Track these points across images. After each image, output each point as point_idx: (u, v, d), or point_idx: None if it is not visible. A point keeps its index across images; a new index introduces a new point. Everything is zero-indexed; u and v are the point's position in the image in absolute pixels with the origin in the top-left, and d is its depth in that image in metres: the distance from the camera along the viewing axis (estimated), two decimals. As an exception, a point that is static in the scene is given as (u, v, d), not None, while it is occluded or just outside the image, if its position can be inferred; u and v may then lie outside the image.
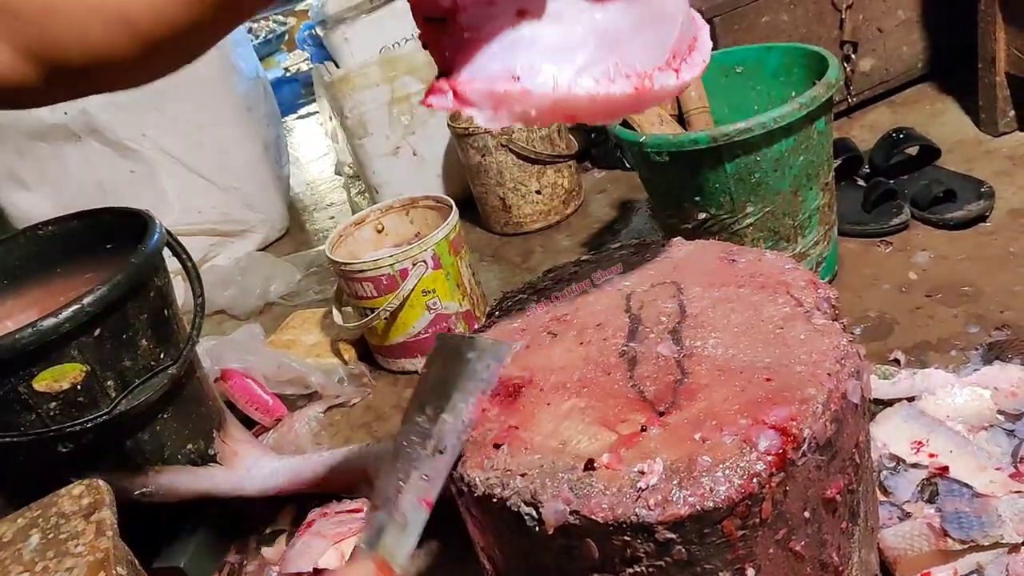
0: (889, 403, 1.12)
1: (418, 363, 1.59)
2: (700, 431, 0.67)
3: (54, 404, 1.16)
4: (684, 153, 1.26)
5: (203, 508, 1.29)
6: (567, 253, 1.87)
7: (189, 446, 1.34)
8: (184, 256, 1.36)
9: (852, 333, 1.28)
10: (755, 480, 0.63)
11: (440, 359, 0.78)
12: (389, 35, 2.03)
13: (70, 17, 0.54)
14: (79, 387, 1.17)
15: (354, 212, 2.37)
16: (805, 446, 0.65)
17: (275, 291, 2.07)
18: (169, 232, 1.32)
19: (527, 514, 0.67)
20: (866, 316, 1.34)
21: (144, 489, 1.24)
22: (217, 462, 1.35)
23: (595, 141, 2.16)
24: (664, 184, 1.36)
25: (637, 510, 0.63)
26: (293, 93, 4.04)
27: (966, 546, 0.89)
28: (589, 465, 0.66)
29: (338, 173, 2.77)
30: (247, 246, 2.34)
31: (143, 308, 1.22)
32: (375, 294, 1.50)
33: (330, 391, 1.55)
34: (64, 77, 0.56)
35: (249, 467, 1.34)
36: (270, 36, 4.58)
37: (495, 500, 0.69)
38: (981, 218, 1.47)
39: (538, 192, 1.96)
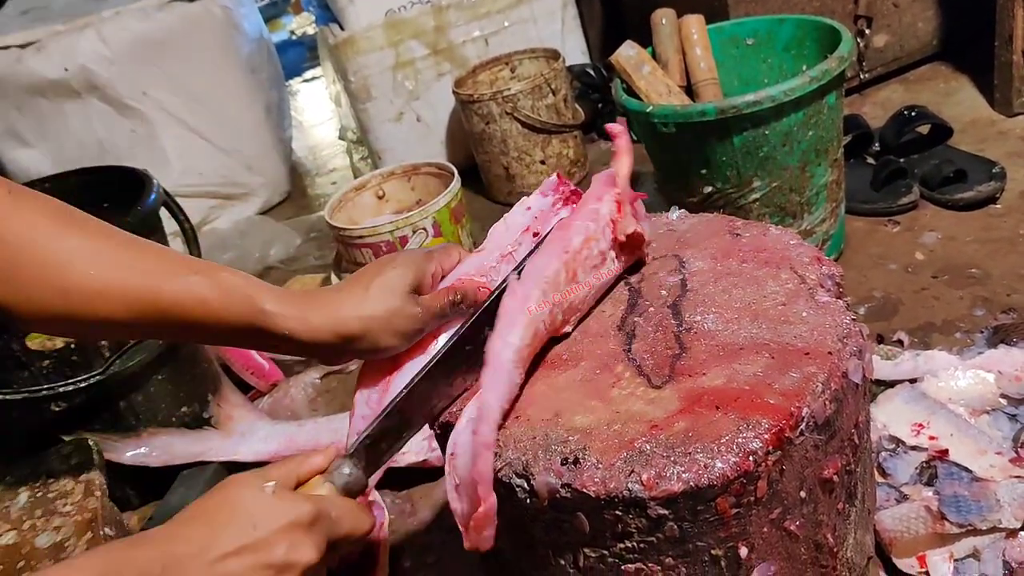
0: (891, 384, 1.10)
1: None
2: (697, 406, 0.66)
3: (47, 362, 1.16)
4: (691, 125, 1.24)
5: (197, 471, 1.28)
6: (570, 225, 1.85)
7: (183, 409, 1.33)
8: (182, 217, 1.34)
9: (856, 312, 1.27)
10: (751, 458, 0.61)
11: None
12: (395, -2, 1.99)
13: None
14: (73, 346, 1.16)
15: (356, 178, 2.35)
16: (803, 425, 0.64)
17: (275, 255, 2.06)
18: (167, 192, 1.30)
19: (519, 486, 0.66)
20: (871, 296, 1.32)
21: (137, 451, 1.23)
22: (211, 426, 1.34)
23: (602, 111, 2.13)
24: (670, 156, 1.34)
25: (629, 485, 0.62)
26: (298, 56, 3.99)
27: (963, 530, 0.88)
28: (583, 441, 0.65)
29: (341, 138, 2.74)
30: (248, 209, 2.32)
31: (138, 268, 1.21)
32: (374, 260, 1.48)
33: (327, 357, 1.54)
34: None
35: (243, 432, 1.33)
36: (276, -2, 4.52)
37: (486, 471, 0.68)
38: (991, 199, 1.44)
39: (542, 162, 1.94)
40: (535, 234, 0.82)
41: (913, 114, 1.58)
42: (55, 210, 0.64)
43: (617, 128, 0.81)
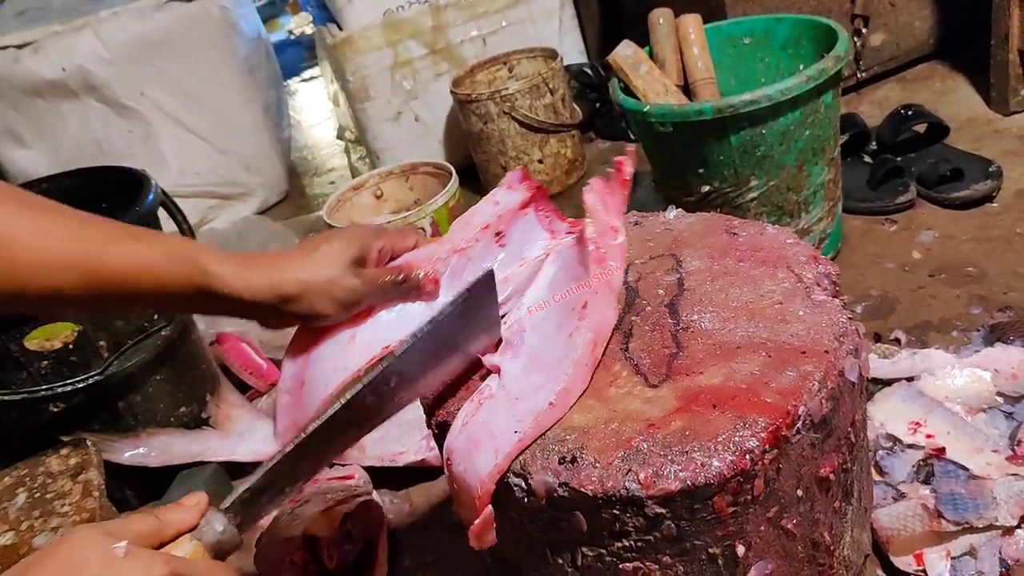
0: (888, 383, 1.10)
1: (415, 331, 1.57)
2: (693, 405, 0.66)
3: (46, 363, 1.16)
4: (688, 124, 1.24)
5: (196, 471, 1.28)
6: (568, 224, 1.85)
7: (182, 409, 1.33)
8: (180, 217, 1.34)
9: (853, 311, 1.28)
10: (748, 456, 0.62)
11: None
12: (393, -2, 2.00)
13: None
14: (71, 347, 1.16)
15: (354, 177, 2.35)
16: (800, 423, 0.64)
17: (273, 256, 2.05)
18: (165, 192, 1.30)
19: (516, 485, 0.67)
20: (868, 294, 1.33)
21: (136, 451, 1.23)
22: (210, 425, 1.34)
23: (599, 111, 2.14)
24: (668, 155, 1.34)
25: (627, 484, 0.62)
26: (296, 56, 4.00)
27: (960, 528, 0.88)
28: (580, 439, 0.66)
29: (339, 138, 2.74)
30: (246, 209, 2.32)
31: (136, 269, 1.21)
32: (372, 260, 1.48)
33: (325, 357, 1.54)
34: None
35: (242, 431, 1.34)
36: (274, -2, 4.51)
37: (484, 470, 0.68)
38: (988, 198, 1.44)
39: (540, 161, 1.94)
40: (497, 233, 0.81)
41: (910, 113, 1.58)
42: (2, 191, 0.65)
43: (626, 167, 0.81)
